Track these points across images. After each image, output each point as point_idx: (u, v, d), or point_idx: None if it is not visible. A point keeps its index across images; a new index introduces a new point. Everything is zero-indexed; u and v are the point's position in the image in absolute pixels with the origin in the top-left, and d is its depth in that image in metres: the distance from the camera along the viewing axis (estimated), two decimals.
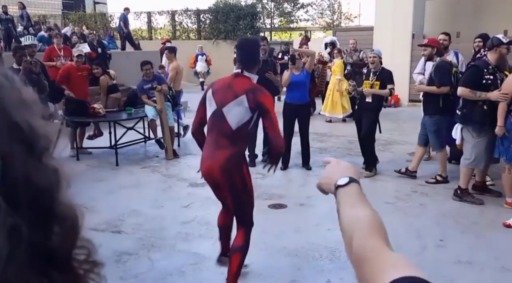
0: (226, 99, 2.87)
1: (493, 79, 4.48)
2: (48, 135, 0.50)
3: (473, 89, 4.51)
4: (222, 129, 2.89)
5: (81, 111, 6.58)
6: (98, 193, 5.26)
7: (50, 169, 0.49)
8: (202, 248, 3.77)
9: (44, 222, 0.47)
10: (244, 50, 3.03)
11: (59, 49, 8.24)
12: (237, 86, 2.88)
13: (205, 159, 2.96)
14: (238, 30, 18.13)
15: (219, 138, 2.90)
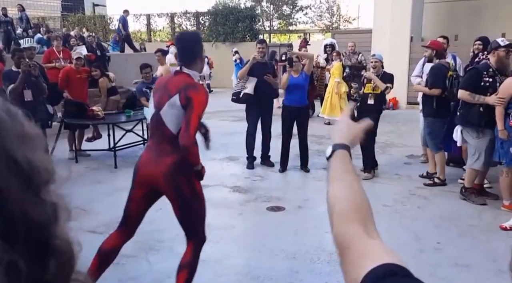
0: (163, 100, 2.65)
1: (492, 82, 4.52)
2: (49, 169, 0.51)
3: (472, 91, 4.55)
4: (163, 133, 2.68)
5: (80, 114, 6.59)
6: (97, 195, 5.27)
7: (48, 204, 0.49)
8: (201, 251, 3.77)
9: (41, 257, 0.47)
10: (183, 45, 2.80)
11: (58, 52, 8.26)
12: (172, 85, 2.65)
13: (145, 164, 2.73)
14: (237, 33, 18.19)
15: (161, 142, 2.69)
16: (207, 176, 6.23)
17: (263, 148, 6.39)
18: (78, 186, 5.63)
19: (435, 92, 5.18)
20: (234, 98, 6.27)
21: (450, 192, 5.15)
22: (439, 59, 5.35)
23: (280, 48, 16.26)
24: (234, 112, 9.87)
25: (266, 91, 6.05)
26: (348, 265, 0.74)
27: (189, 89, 2.59)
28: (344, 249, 0.77)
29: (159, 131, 2.70)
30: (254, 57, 6.04)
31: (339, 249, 0.79)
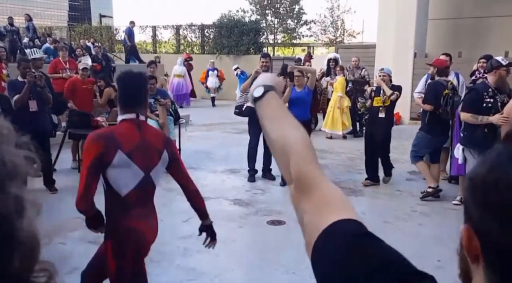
0: (153, 161, 2.34)
1: (494, 102, 4.51)
2: (16, 163, 0.50)
3: (475, 113, 4.54)
4: (150, 193, 2.48)
5: (84, 124, 6.63)
6: (99, 205, 5.26)
7: (11, 197, 0.49)
8: (201, 263, 3.77)
9: (4, 249, 0.48)
10: (129, 87, 2.36)
11: (65, 62, 8.35)
12: (153, 139, 2.37)
13: (150, 232, 2.53)
14: (241, 45, 18.33)
15: (148, 204, 2.48)
16: (208, 189, 6.27)
17: (265, 161, 6.40)
18: None
19: (426, 108, 5.33)
20: (237, 111, 6.31)
21: (452, 210, 5.14)
22: (440, 77, 5.41)
23: (284, 61, 16.37)
24: (236, 124, 9.91)
25: None
26: (309, 206, 0.79)
27: (171, 144, 2.56)
28: (307, 189, 0.81)
29: (147, 193, 2.43)
30: (257, 71, 6.09)
31: (301, 186, 0.82)
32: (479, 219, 0.57)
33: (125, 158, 2.23)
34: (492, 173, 0.57)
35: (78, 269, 3.66)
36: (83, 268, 3.70)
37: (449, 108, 5.16)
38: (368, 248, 0.71)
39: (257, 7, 28.64)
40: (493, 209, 0.55)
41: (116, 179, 2.26)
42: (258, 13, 28.28)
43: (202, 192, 6.20)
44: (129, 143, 2.26)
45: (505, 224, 0.54)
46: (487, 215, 0.56)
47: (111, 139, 2.24)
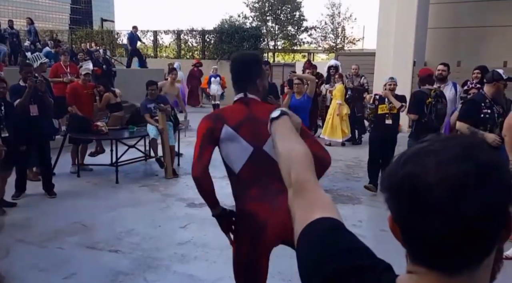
0: (262, 134, 2.04)
1: (491, 113, 4.53)
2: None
3: (472, 123, 4.55)
4: (272, 170, 1.96)
5: (84, 128, 6.67)
6: (97, 210, 5.30)
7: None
8: (198, 270, 3.79)
9: None
10: (237, 69, 2.34)
11: (66, 66, 8.40)
12: (260, 113, 2.17)
13: (271, 215, 2.17)
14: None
15: (273, 182, 2.04)
16: None
17: None
18: (79, 201, 5.68)
19: (411, 117, 5.52)
20: None
21: None
22: (423, 86, 5.55)
23: (284, 67, 16.46)
24: None
25: None
26: (302, 204, 0.97)
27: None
28: (302, 191, 1.00)
29: (267, 169, 2.16)
30: None
31: (298, 189, 1.01)
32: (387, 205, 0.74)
33: (231, 131, 2.21)
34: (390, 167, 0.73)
35: (76, 274, 3.69)
36: (80, 273, 3.73)
37: (433, 116, 5.27)
38: (338, 237, 0.87)
39: (257, 13, 28.77)
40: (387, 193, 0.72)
41: (228, 154, 2.26)
42: (259, 19, 28.41)
43: (200, 198, 6.21)
44: (235, 118, 2.24)
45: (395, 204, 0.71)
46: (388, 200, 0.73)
47: (219, 116, 2.28)
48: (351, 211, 5.43)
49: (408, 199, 0.68)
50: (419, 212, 0.67)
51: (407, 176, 0.69)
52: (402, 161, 0.71)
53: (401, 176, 0.69)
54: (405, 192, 0.68)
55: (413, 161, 0.70)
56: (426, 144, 0.72)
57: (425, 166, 0.68)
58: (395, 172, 0.71)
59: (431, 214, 0.66)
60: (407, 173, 0.69)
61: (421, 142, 0.73)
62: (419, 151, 0.71)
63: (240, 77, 2.32)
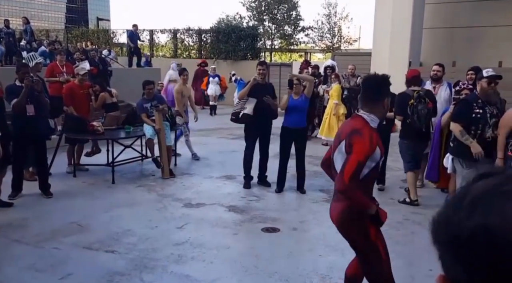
0: (335, 143, 2.69)
1: (483, 113, 4.55)
2: None
3: (464, 123, 4.60)
4: (334, 176, 2.69)
5: (80, 128, 6.66)
6: (93, 211, 5.29)
7: None
8: (194, 271, 3.79)
9: None
10: (366, 87, 2.71)
11: (62, 66, 8.37)
12: (345, 129, 2.67)
13: (331, 208, 2.81)
14: (238, 51, 18.40)
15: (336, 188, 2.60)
16: (203, 195, 6.29)
17: (261, 168, 6.44)
18: (75, 201, 5.67)
19: (397, 119, 5.74)
20: (233, 118, 6.34)
21: None
22: (408, 87, 5.71)
23: (281, 67, 16.45)
24: (233, 130, 9.95)
25: (265, 112, 6.13)
26: None
27: (353, 135, 2.53)
28: None
29: (334, 176, 2.69)
30: (255, 78, 6.14)
31: None
32: (441, 260, 0.56)
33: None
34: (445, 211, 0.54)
35: (72, 274, 3.69)
36: (77, 274, 3.73)
37: (415, 117, 5.42)
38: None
39: (254, 13, 28.76)
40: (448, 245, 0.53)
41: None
42: (255, 18, 28.39)
43: (197, 198, 6.24)
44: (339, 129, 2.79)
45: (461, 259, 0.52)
46: (445, 254, 0.54)
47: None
48: None
49: (486, 259, 0.51)
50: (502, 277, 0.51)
51: (481, 229, 0.52)
52: (467, 205, 0.54)
53: (471, 227, 0.53)
54: (480, 250, 0.51)
55: (486, 207, 0.53)
56: (496, 182, 0.55)
57: (507, 216, 0.51)
58: (458, 220, 0.54)
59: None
60: (482, 225, 0.52)
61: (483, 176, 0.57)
62: (490, 193, 0.54)
63: (362, 97, 2.69)
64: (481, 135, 4.55)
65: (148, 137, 6.80)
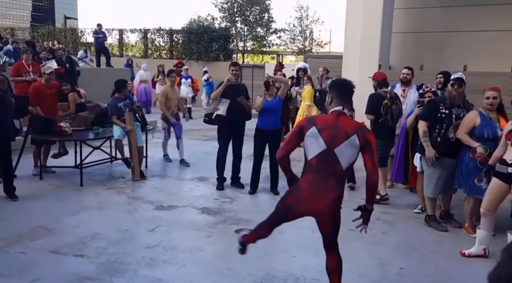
0: (338, 139, 2.87)
1: (448, 113, 4.79)
2: None
3: (430, 122, 4.83)
4: (333, 169, 2.88)
5: (47, 129, 6.45)
6: (61, 214, 5.13)
7: None
8: (167, 274, 3.72)
9: None
10: (343, 89, 3.03)
11: (28, 65, 8.10)
12: (345, 125, 2.91)
13: (312, 200, 2.91)
14: (210, 52, 18.31)
15: (329, 178, 2.89)
16: (176, 197, 6.21)
17: (234, 169, 6.41)
18: (41, 204, 5.48)
19: (368, 118, 5.84)
20: (207, 119, 6.29)
21: (414, 218, 5.30)
22: (380, 88, 5.90)
23: (253, 69, 16.48)
24: (205, 131, 9.88)
25: (238, 113, 6.10)
26: None
27: (366, 132, 2.92)
28: None
29: (329, 166, 2.88)
30: (228, 79, 6.10)
31: None
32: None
33: (315, 131, 2.89)
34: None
35: (40, 279, 3.56)
36: (44, 279, 3.59)
37: (389, 116, 5.67)
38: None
39: (226, 14, 28.71)
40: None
41: (307, 146, 2.93)
42: (228, 20, 28.35)
43: (168, 201, 6.15)
44: (323, 123, 2.93)
45: None
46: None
47: (312, 120, 2.99)
48: None
49: None
50: None
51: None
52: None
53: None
54: None
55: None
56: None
57: None
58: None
59: None
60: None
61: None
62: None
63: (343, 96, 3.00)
64: (445, 134, 4.77)
65: (116, 137, 6.65)
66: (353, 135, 2.86)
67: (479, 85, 8.11)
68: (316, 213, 2.98)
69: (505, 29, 11.15)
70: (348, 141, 2.86)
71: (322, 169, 2.89)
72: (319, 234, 4.82)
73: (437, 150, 4.77)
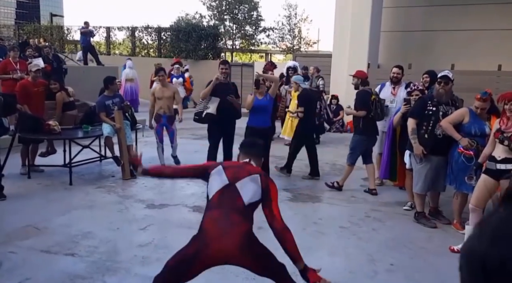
0: (240, 175, 2.82)
1: (435, 111, 4.89)
2: None
3: (418, 119, 4.95)
4: (234, 204, 2.73)
5: (36, 128, 6.37)
6: (50, 213, 5.08)
7: None
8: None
9: None
10: (253, 149, 3.11)
11: (15, 63, 8.00)
12: (250, 167, 2.93)
13: (219, 237, 2.61)
14: (199, 50, 18.24)
15: (232, 214, 2.68)
16: (167, 196, 6.18)
17: None
18: (30, 203, 5.42)
19: (361, 114, 5.94)
20: (196, 118, 6.28)
21: (403, 215, 5.37)
22: (364, 86, 6.10)
23: (242, 67, 16.47)
24: (195, 130, 9.85)
25: (228, 112, 6.11)
26: None
27: (269, 179, 2.90)
28: None
29: (231, 201, 2.74)
30: (217, 77, 6.10)
31: None
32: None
33: (220, 169, 2.87)
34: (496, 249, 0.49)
35: (31, 279, 3.53)
36: (36, 278, 3.56)
37: (379, 110, 5.93)
38: None
39: (214, 12, 28.63)
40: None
41: (211, 184, 2.84)
42: (216, 18, 28.28)
43: (160, 199, 6.12)
44: (229, 164, 3.04)
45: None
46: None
47: (220, 162, 3.07)
48: (311, 210, 5.53)
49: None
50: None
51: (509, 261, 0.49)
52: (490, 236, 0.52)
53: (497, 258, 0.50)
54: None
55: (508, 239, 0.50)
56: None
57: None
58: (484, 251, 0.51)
59: None
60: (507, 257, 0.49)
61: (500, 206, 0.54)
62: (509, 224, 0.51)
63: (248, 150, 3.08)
64: (432, 131, 4.85)
65: (105, 135, 6.60)
66: (256, 174, 2.84)
67: (466, 84, 8.26)
68: (229, 258, 2.66)
69: (491, 28, 11.33)
70: (251, 177, 2.81)
71: (224, 204, 2.73)
72: (311, 232, 4.87)
73: (425, 147, 4.86)
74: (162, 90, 7.17)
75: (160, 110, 7.15)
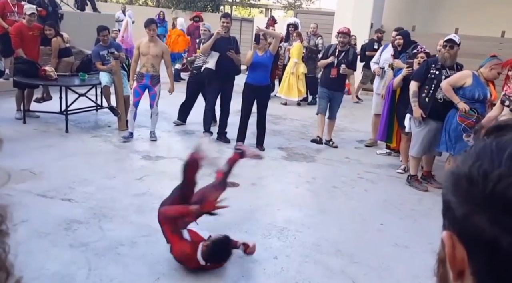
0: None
1: (438, 74, 4.88)
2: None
3: (421, 82, 4.95)
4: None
5: (31, 73, 6.27)
6: (46, 159, 5.10)
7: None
8: (155, 220, 3.77)
9: None
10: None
11: (13, 5, 7.76)
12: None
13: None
14: (198, 2, 17.76)
15: None
16: (162, 149, 6.19)
17: (221, 124, 6.39)
18: (26, 148, 5.42)
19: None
20: (195, 72, 6.19)
21: (396, 178, 5.45)
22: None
23: (242, 22, 16.09)
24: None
25: (228, 67, 6.02)
26: None
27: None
28: None
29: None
30: (218, 32, 5.97)
31: None
32: (465, 219, 0.50)
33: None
34: (479, 165, 0.49)
35: (27, 221, 3.59)
36: (32, 221, 3.62)
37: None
38: None
39: None
40: (483, 204, 0.47)
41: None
42: None
43: (155, 152, 6.15)
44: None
45: (498, 219, 0.46)
46: (476, 214, 0.48)
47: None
48: (305, 169, 5.59)
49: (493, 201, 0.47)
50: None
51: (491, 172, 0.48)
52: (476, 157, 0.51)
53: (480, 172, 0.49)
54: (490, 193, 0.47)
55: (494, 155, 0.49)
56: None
57: None
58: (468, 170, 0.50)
59: None
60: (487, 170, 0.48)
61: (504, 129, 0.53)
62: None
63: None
64: (433, 95, 4.84)
65: (104, 84, 6.51)
66: None
67: (468, 49, 8.16)
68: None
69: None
70: None
71: None
72: (303, 190, 4.96)
73: (424, 110, 4.87)
74: (148, 45, 6.03)
75: (143, 68, 6.13)
